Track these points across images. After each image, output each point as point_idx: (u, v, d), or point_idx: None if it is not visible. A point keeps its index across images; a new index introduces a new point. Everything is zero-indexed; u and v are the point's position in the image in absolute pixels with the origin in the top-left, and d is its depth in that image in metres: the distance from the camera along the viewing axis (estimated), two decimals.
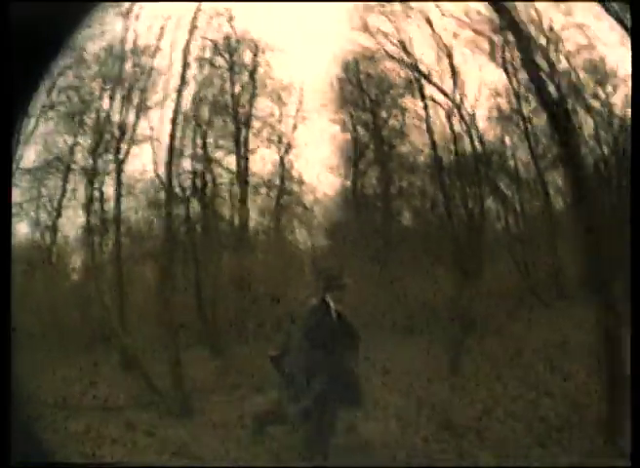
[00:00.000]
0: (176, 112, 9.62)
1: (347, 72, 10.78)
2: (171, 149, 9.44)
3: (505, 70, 10.08)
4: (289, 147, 10.70)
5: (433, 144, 10.44)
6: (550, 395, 6.55)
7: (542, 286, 9.16)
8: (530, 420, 6.17)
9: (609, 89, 10.16)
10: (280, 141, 10.73)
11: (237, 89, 10.59)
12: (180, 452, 5.09)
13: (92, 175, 9.75)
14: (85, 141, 9.82)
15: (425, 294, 8.67)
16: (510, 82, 10.11)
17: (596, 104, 10.21)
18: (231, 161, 10.48)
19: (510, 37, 9.74)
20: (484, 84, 10.24)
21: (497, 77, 10.13)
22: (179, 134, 9.69)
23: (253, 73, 10.65)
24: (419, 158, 10.67)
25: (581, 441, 5.98)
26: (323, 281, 5.47)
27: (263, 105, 10.69)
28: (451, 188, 10.41)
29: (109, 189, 9.78)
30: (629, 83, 9.77)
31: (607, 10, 8.49)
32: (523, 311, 8.38)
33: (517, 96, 10.16)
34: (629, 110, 10.01)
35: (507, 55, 10.01)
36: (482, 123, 10.33)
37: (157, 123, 9.72)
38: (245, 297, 8.86)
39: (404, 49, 10.17)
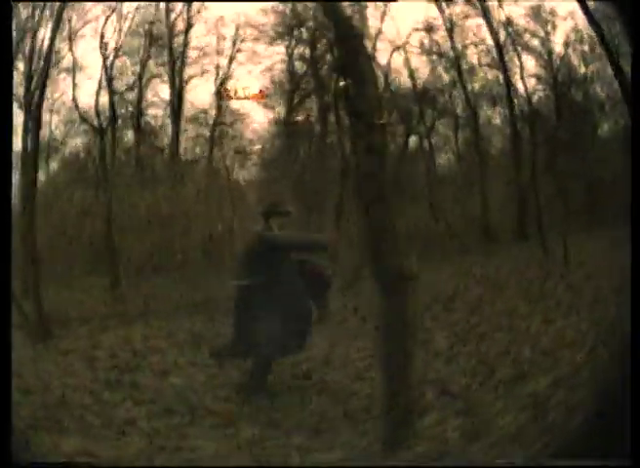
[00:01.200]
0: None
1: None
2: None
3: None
4: (225, 78, 10.61)
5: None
6: None
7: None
8: None
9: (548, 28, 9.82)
10: (218, 74, 10.62)
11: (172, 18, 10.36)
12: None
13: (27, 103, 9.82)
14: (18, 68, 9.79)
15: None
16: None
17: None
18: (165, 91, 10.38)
19: None
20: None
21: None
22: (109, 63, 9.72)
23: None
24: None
25: None
26: (264, 207, 5.00)
27: (199, 36, 10.49)
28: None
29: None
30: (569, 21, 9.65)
31: None
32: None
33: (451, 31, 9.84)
34: (570, 49, 9.78)
35: None
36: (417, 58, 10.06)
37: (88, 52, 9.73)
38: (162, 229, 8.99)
39: None
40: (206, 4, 10.34)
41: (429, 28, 9.97)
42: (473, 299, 6.89)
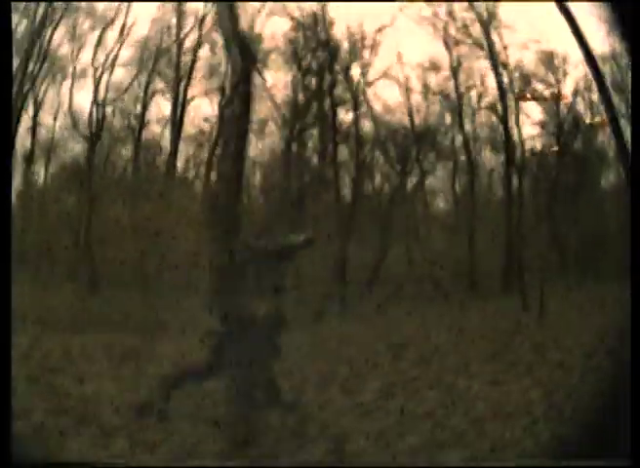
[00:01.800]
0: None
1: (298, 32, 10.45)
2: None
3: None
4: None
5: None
6: None
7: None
8: None
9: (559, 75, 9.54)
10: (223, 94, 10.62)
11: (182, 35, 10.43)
12: None
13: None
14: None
15: None
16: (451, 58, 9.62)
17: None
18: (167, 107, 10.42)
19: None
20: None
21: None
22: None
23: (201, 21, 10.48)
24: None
25: None
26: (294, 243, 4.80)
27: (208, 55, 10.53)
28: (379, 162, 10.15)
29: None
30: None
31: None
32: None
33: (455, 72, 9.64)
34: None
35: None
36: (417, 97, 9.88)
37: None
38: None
39: None
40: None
41: (434, 67, 9.76)
42: (428, 351, 6.52)
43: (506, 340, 6.72)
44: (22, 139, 9.70)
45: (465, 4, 9.41)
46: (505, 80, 9.32)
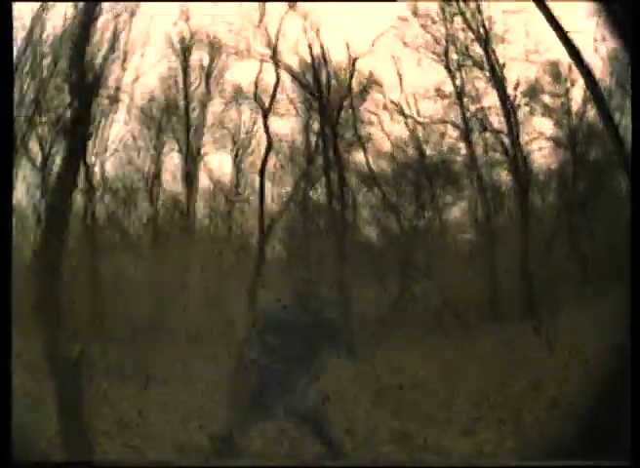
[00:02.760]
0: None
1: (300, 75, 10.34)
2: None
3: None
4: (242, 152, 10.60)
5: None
6: None
7: None
8: None
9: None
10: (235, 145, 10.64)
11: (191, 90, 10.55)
12: None
13: None
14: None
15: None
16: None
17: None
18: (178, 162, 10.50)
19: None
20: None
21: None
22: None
23: (208, 76, 10.61)
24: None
25: None
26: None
27: (217, 108, 10.59)
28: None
29: None
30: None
31: None
32: None
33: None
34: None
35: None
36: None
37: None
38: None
39: None
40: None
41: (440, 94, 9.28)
42: (408, 395, 5.86)
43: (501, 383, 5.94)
44: None
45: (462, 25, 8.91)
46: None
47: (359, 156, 10.13)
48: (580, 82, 8.31)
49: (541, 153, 8.90)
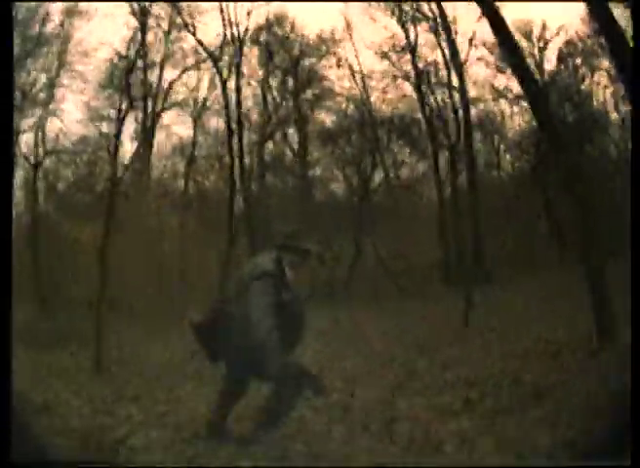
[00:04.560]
0: None
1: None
2: None
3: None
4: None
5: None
6: None
7: None
8: None
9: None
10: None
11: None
12: None
13: None
14: None
15: None
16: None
17: None
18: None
19: None
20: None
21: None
22: None
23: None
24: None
25: None
26: (281, 237, 3.70)
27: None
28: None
29: None
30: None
31: None
32: None
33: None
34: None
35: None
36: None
37: None
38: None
39: None
40: None
41: None
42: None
43: None
44: None
45: None
46: None
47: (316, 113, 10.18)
48: None
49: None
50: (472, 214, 8.13)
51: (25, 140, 9.76)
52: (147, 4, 10.21)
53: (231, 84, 9.90)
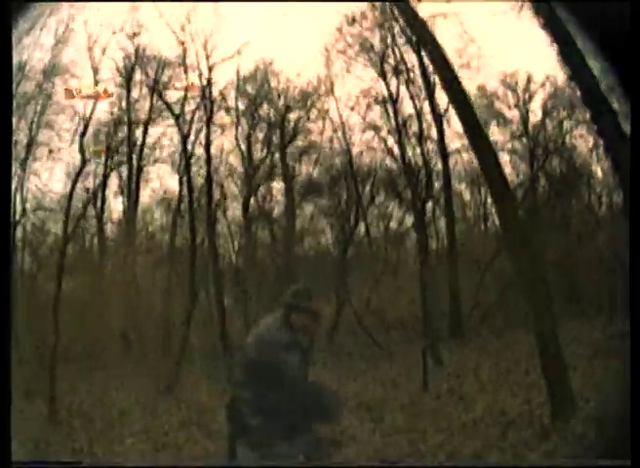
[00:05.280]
0: None
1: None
2: None
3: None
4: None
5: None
6: None
7: None
8: None
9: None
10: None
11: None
12: None
13: None
14: None
15: None
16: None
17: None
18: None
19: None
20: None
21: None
22: None
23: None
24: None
25: None
26: (289, 296, 3.58)
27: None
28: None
29: None
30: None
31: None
32: None
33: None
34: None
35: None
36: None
37: None
38: None
39: None
40: None
41: None
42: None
43: None
44: None
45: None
46: None
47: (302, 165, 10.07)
48: None
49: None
50: (452, 269, 8.03)
51: None
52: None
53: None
